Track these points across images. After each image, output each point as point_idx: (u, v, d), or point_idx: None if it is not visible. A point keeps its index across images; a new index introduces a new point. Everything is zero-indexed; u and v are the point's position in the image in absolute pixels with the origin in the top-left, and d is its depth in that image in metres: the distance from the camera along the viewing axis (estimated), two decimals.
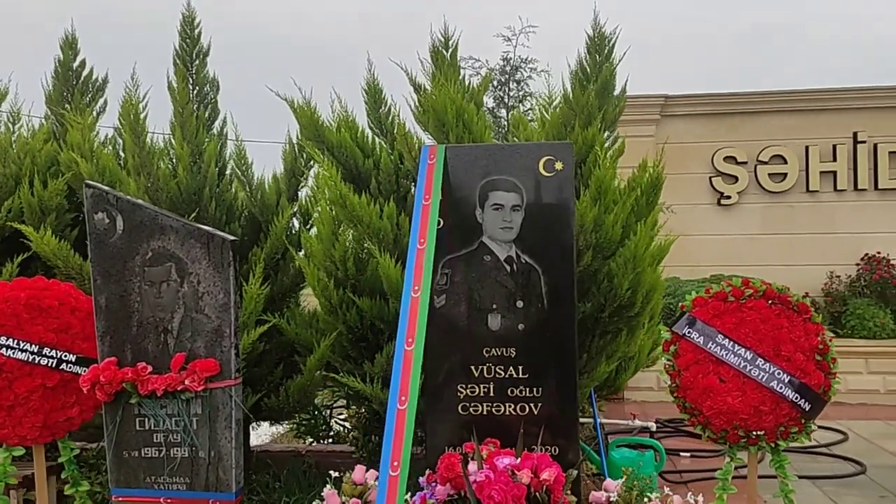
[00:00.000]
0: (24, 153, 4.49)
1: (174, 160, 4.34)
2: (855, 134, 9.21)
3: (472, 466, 2.65)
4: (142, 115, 4.39)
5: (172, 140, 4.55)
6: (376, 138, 4.65)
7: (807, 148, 9.31)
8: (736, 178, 9.48)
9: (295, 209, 4.69)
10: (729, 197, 9.48)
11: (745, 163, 9.46)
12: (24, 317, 3.62)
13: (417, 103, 4.61)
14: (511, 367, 3.16)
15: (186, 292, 3.30)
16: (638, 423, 5.74)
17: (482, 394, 3.15)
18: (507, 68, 9.33)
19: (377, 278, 4.29)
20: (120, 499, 3.39)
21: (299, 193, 5.00)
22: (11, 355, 3.56)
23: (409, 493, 2.94)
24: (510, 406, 3.14)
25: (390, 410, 2.39)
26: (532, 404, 3.14)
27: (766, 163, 9.43)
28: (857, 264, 8.96)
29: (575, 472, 2.78)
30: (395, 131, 4.70)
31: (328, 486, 3.07)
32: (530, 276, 3.16)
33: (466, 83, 4.63)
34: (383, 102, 4.71)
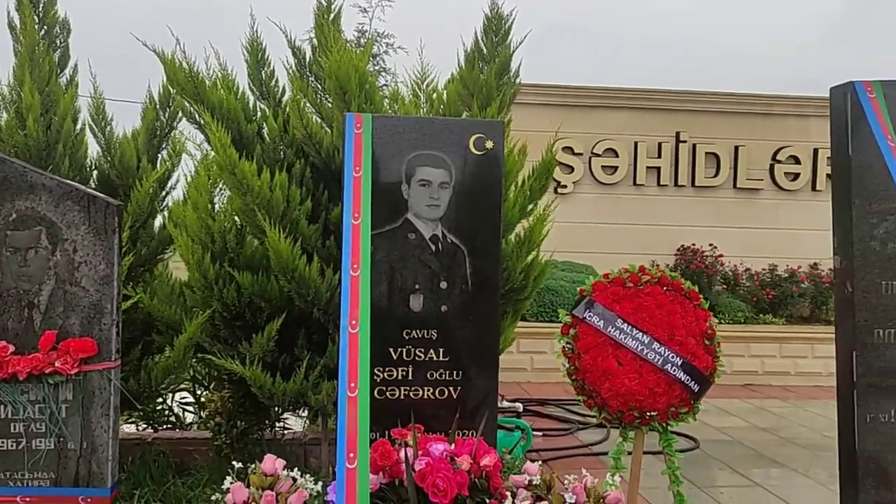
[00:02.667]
0: None
1: (22, 110, 3.75)
2: (678, 133, 10.00)
3: (408, 454, 2.53)
4: None
5: (16, 87, 3.94)
6: (258, 102, 4.32)
7: (636, 144, 9.97)
8: (572, 169, 9.96)
9: (165, 174, 4.25)
10: (565, 186, 9.94)
11: (581, 154, 9.96)
12: None
13: (308, 68, 4.35)
14: (432, 350, 3.06)
15: (59, 261, 2.87)
16: (506, 403, 5.88)
17: (400, 377, 3.03)
18: (363, 41, 9.10)
19: (259, 253, 4.02)
20: None
21: (160, 156, 4.56)
22: None
23: (321, 484, 2.78)
24: (429, 390, 3.06)
25: (341, 399, 2.22)
26: (452, 388, 3.07)
27: (599, 155, 9.98)
28: (675, 254, 9.77)
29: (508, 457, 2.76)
30: (279, 95, 4.41)
31: (229, 477, 2.81)
32: (455, 257, 3.07)
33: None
34: (266, 63, 4.39)
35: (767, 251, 9.77)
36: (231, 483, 2.75)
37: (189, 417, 5.70)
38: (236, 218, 4.01)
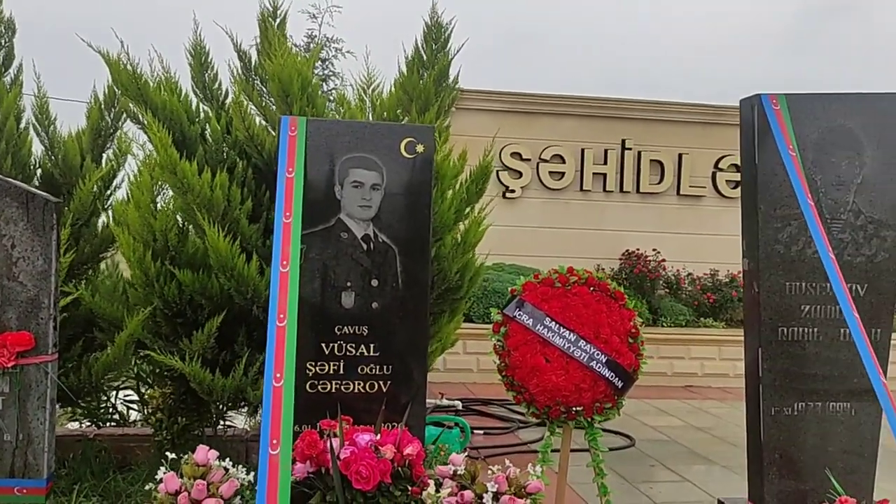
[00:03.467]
0: None
1: None
2: (623, 141, 10.29)
3: (333, 443, 2.65)
4: None
5: None
6: (201, 104, 4.40)
7: (583, 150, 10.23)
8: (520, 174, 10.16)
9: (109, 173, 4.30)
10: (514, 191, 10.14)
11: (529, 160, 10.17)
12: None
13: (253, 71, 4.45)
14: (363, 345, 3.19)
15: None
16: (445, 401, 6.01)
17: (331, 371, 3.14)
18: (312, 45, 9.18)
19: (199, 251, 4.09)
20: None
21: (104, 155, 4.60)
22: None
23: (253, 474, 2.87)
24: (360, 384, 3.18)
25: (266, 389, 2.33)
26: (382, 382, 3.20)
27: (547, 161, 10.21)
28: (620, 259, 10.03)
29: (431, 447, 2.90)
30: (222, 98, 4.50)
31: (163, 467, 2.89)
32: (387, 255, 3.20)
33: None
34: (209, 67, 4.47)
35: (709, 256, 10.09)
36: (164, 473, 2.84)
37: (133, 415, 5.73)
38: (178, 217, 4.08)
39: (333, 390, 3.13)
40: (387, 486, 2.60)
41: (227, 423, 5.05)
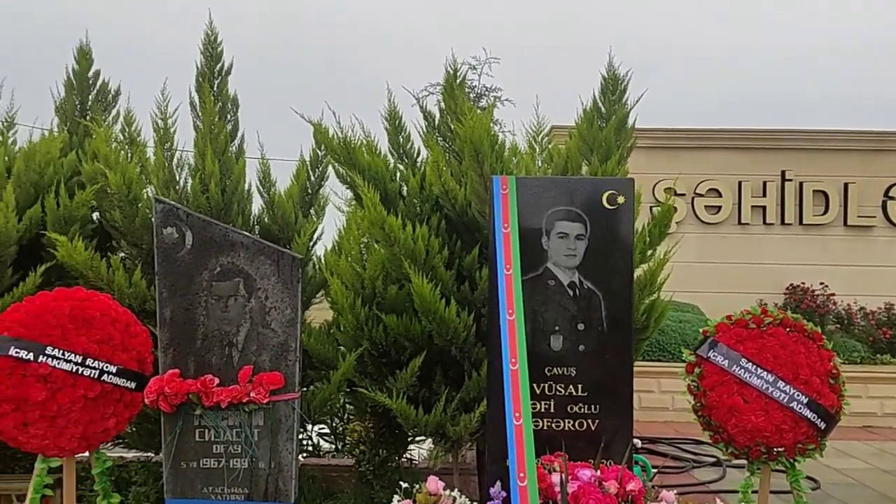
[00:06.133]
0: (46, 162, 4.42)
1: (204, 177, 4.38)
2: (783, 172, 10.04)
3: (555, 478, 2.88)
4: (171, 131, 4.42)
5: (193, 157, 4.59)
6: (397, 163, 4.84)
7: (740, 183, 10.07)
8: (675, 209, 10.12)
9: (317, 228, 4.80)
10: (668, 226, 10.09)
11: (684, 194, 10.12)
12: (69, 327, 3.59)
13: (437, 129, 4.86)
14: (571, 386, 3.42)
15: (254, 307, 3.40)
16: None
17: (542, 410, 3.39)
18: (472, 96, 9.66)
19: (400, 297, 4.47)
20: None
21: (311, 211, 5.13)
22: (57, 366, 3.52)
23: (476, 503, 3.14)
24: (569, 422, 3.40)
25: (509, 427, 2.60)
26: (590, 421, 3.41)
27: (702, 195, 10.12)
28: (784, 293, 9.74)
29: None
30: (415, 157, 4.93)
31: (397, 496, 3.22)
32: (591, 301, 3.44)
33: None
34: (403, 129, 4.92)
35: (881, 289, 9.62)
36: (399, 501, 3.16)
37: (325, 446, 6.22)
38: (382, 266, 4.49)
39: (545, 428, 3.36)
40: None
41: (410, 455, 5.42)
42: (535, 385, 3.40)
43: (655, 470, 5.94)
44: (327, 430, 6.04)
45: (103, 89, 5.06)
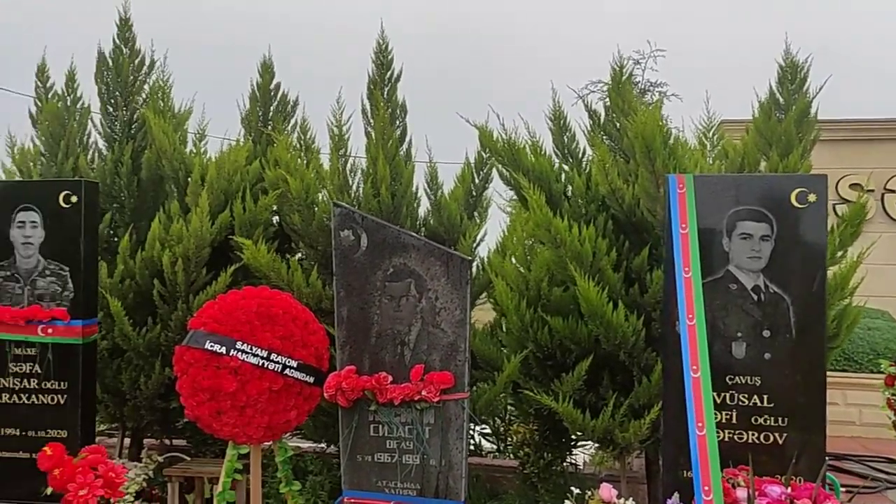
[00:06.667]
0: (234, 170, 4.77)
1: (376, 181, 4.54)
2: None
3: (740, 493, 2.72)
4: (345, 137, 4.63)
5: (365, 162, 4.78)
6: (562, 164, 4.80)
7: None
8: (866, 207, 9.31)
9: (481, 229, 4.85)
10: None
11: (873, 190, 9.28)
12: (256, 324, 3.85)
13: (602, 128, 4.76)
14: (755, 396, 3.22)
15: (424, 307, 3.49)
16: None
17: (724, 420, 3.21)
18: (636, 91, 9.39)
19: (567, 299, 4.41)
20: (352, 500, 3.57)
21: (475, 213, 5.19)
22: (245, 359, 3.77)
23: None
24: (753, 434, 3.20)
25: (691, 437, 2.49)
26: (777, 434, 3.19)
27: (894, 191, 9.25)
28: None
29: None
30: (580, 156, 4.86)
31: (568, 501, 3.18)
32: (778, 306, 3.23)
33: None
34: (567, 129, 4.86)
35: None
36: None
37: (486, 446, 6.27)
38: (547, 267, 4.46)
39: (726, 439, 3.18)
40: None
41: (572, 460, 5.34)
42: (715, 394, 3.22)
43: (844, 489, 5.49)
44: (489, 431, 6.10)
45: (283, 100, 5.39)
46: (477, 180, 5.18)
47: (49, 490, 3.64)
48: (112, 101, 5.33)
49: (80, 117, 5.38)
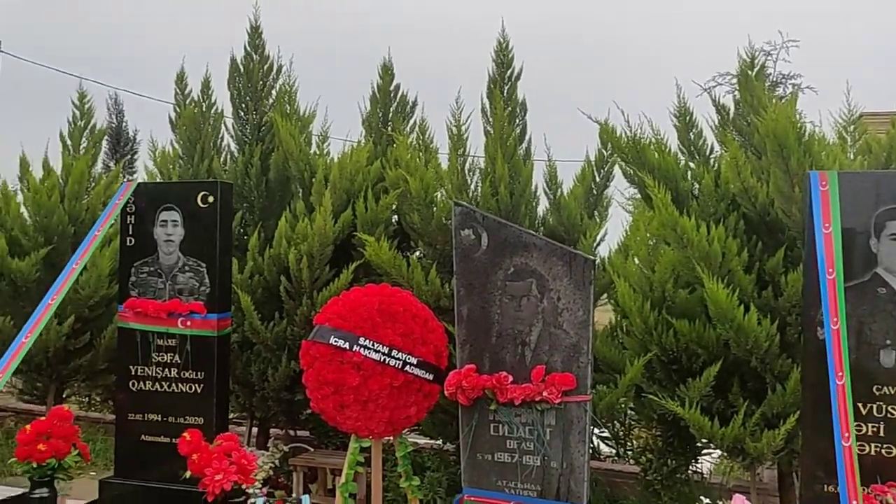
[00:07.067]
0: (356, 170, 4.90)
1: (494, 180, 4.53)
2: None
3: None
4: (464, 137, 4.64)
5: (484, 161, 4.78)
6: (689, 161, 4.62)
7: None
8: None
9: (603, 229, 4.76)
10: None
11: None
12: (377, 320, 3.92)
13: (731, 124, 4.55)
14: None
15: (546, 307, 3.44)
16: None
17: (870, 433, 2.99)
18: (767, 84, 8.95)
19: (693, 301, 4.25)
20: (472, 498, 3.57)
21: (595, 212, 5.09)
22: (367, 355, 3.85)
23: None
24: None
25: (837, 449, 2.34)
26: None
27: None
28: None
29: None
30: (707, 153, 4.67)
31: None
32: None
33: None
34: (693, 125, 4.68)
35: None
36: None
37: (604, 450, 6.14)
38: (672, 268, 4.30)
39: (872, 453, 2.96)
40: None
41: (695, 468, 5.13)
42: (860, 405, 3.01)
43: None
44: (607, 434, 5.97)
45: (402, 101, 5.48)
46: (598, 178, 5.09)
47: (188, 474, 3.83)
48: (243, 105, 5.59)
49: (213, 122, 5.67)
